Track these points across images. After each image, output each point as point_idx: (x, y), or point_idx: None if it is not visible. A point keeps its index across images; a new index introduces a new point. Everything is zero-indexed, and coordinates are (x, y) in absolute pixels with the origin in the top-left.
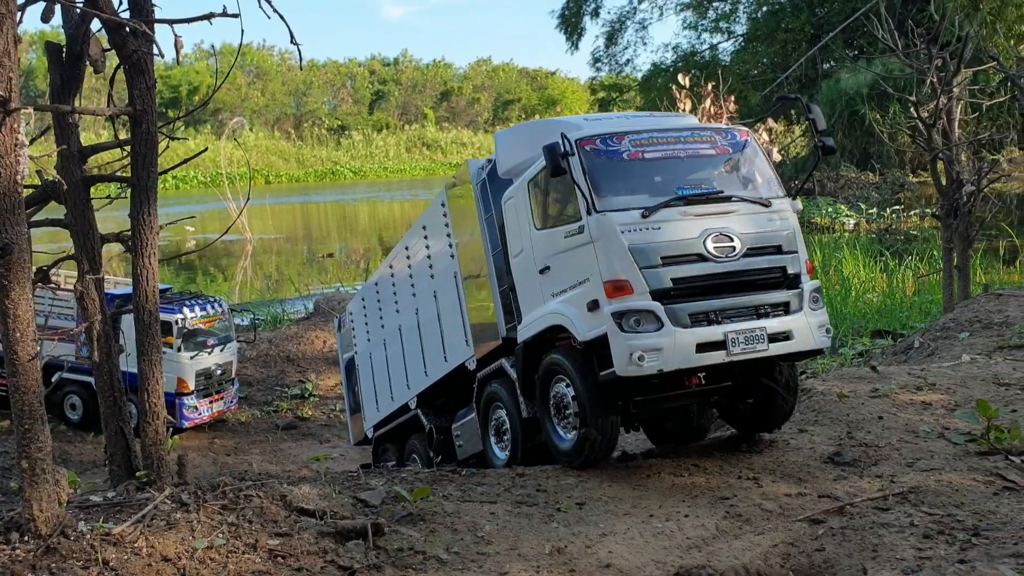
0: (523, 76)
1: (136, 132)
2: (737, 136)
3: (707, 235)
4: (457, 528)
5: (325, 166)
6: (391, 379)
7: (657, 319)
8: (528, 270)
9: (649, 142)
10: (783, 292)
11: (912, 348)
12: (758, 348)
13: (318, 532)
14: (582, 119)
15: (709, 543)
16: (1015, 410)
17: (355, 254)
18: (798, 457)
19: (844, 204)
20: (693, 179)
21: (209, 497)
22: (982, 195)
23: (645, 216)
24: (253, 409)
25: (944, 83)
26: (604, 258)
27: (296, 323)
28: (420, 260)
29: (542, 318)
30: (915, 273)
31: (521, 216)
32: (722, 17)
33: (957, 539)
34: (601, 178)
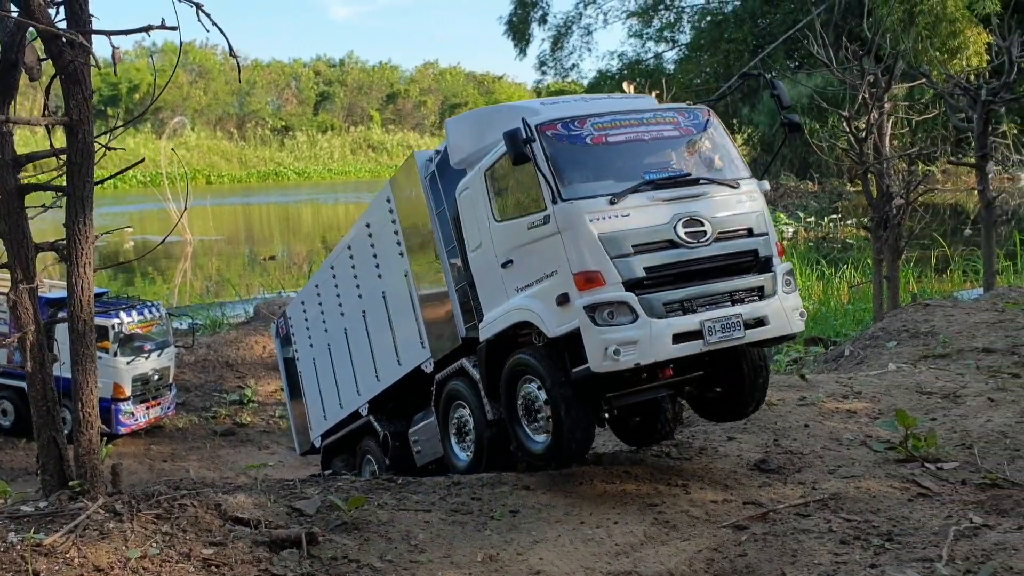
0: (470, 80)
1: (72, 142)
2: (699, 115)
3: (677, 220)
4: (391, 537)
5: (268, 167)
6: (339, 386)
7: (632, 310)
8: (488, 265)
9: (612, 125)
10: (756, 276)
11: (843, 356)
12: (735, 336)
13: (252, 541)
14: (539, 103)
15: (637, 549)
16: (934, 418)
17: (298, 257)
18: (726, 464)
19: (783, 212)
20: (659, 162)
21: (143, 507)
22: (911, 208)
23: (613, 203)
24: (191, 415)
25: (876, 99)
26: (573, 249)
27: (236, 328)
28: (365, 260)
29: (507, 315)
30: (849, 282)
31: (478, 208)
32: (666, 26)
33: (871, 544)
34: (565, 164)
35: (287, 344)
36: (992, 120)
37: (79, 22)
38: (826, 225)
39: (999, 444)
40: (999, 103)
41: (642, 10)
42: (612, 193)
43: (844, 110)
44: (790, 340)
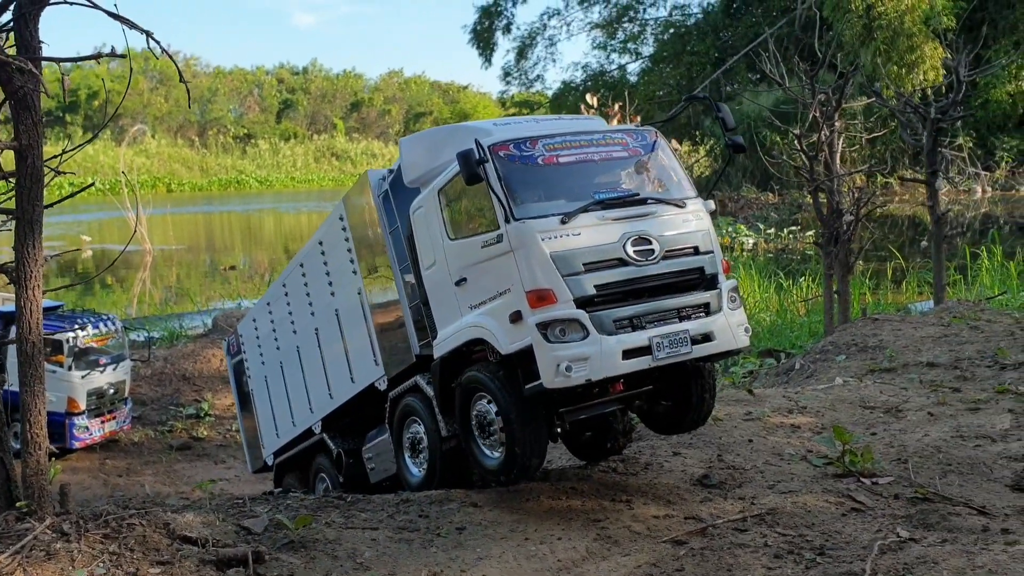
0: (435, 89)
1: (21, 167)
2: (647, 137)
3: (626, 239)
4: (337, 555)
5: (230, 175)
6: (291, 403)
7: (583, 327)
8: (442, 282)
9: (563, 146)
10: (702, 293)
11: (793, 370)
12: (682, 351)
13: (200, 560)
14: (491, 124)
15: (579, 565)
16: (875, 433)
17: (259, 266)
18: (670, 479)
19: (744, 224)
20: (608, 182)
21: (91, 526)
22: (860, 223)
23: (564, 222)
24: (147, 429)
25: (826, 117)
26: (525, 267)
27: (193, 340)
28: (318, 277)
29: (460, 332)
30: (805, 295)
31: (432, 226)
32: (630, 38)
33: (804, 558)
34: (517, 184)
35: (239, 362)
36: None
37: (29, 48)
38: (785, 237)
39: (933, 459)
40: (947, 121)
41: (606, 22)
42: (563, 213)
43: (799, 125)
44: (735, 355)
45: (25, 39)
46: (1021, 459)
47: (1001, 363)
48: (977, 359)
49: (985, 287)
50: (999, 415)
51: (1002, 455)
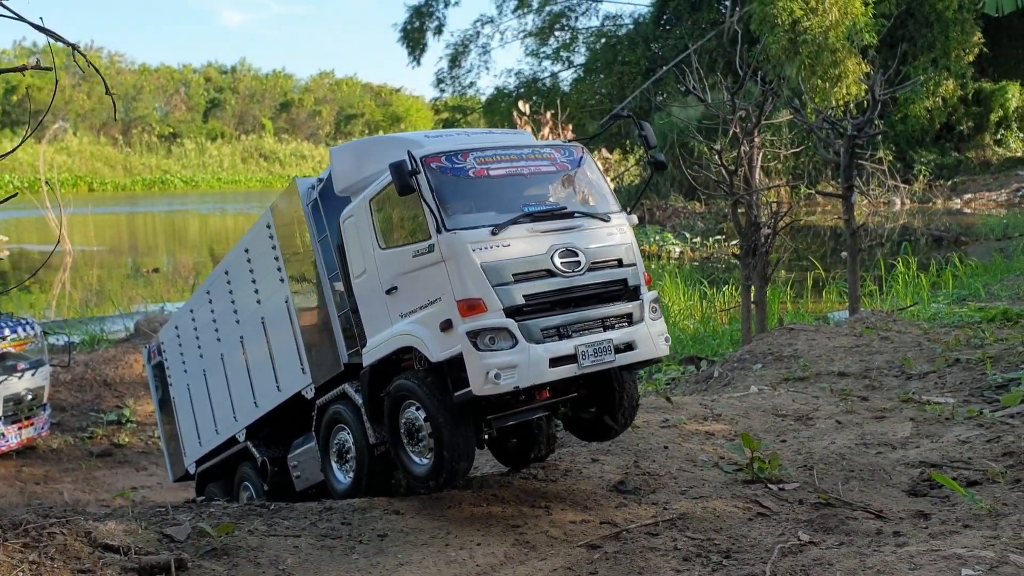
0: (367, 91)
1: None
2: (574, 152)
3: (554, 251)
4: (260, 562)
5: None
6: (214, 411)
7: (511, 336)
8: (372, 291)
9: (493, 159)
10: (626, 304)
11: (712, 378)
12: (606, 360)
13: (122, 568)
14: (423, 136)
15: (497, 569)
16: (784, 440)
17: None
18: (588, 485)
19: (671, 232)
20: (536, 195)
21: (10, 535)
22: (777, 236)
23: (495, 233)
24: (66, 435)
25: (746, 132)
26: (456, 277)
27: (115, 345)
28: (243, 285)
29: (390, 340)
30: (727, 303)
31: (363, 235)
32: (563, 47)
33: (711, 561)
34: (449, 196)
35: (160, 370)
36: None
37: None
38: (711, 246)
39: (837, 465)
40: (863, 137)
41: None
42: (494, 224)
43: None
44: (657, 363)
45: None
46: (918, 465)
47: (907, 373)
48: (885, 369)
49: (898, 298)
50: (901, 423)
51: (901, 461)
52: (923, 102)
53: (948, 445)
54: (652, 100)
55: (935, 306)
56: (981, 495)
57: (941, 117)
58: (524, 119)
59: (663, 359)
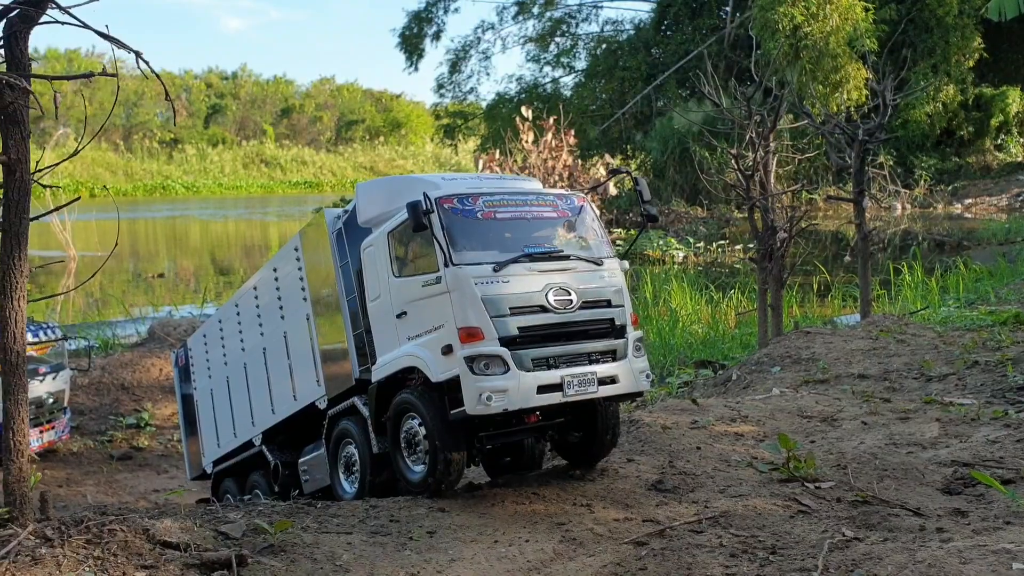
0: (367, 97)
1: (9, 180)
2: (575, 201)
3: (549, 289)
4: (316, 557)
5: (156, 180)
6: (234, 416)
7: (504, 363)
8: (385, 314)
9: (500, 203)
10: (611, 341)
11: (730, 380)
12: (589, 390)
13: (183, 564)
14: (440, 178)
15: (547, 565)
16: (813, 440)
17: (185, 274)
18: (626, 485)
19: (674, 237)
20: (537, 238)
21: (73, 532)
22: (793, 240)
23: (496, 270)
24: (86, 439)
25: (762, 138)
26: (459, 307)
27: (130, 349)
28: (270, 301)
29: (397, 359)
30: (736, 307)
31: (379, 264)
32: (563, 52)
33: (758, 557)
34: (458, 234)
35: (186, 374)
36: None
37: (19, 65)
38: (715, 250)
39: (869, 465)
40: (874, 142)
41: (539, 35)
42: (496, 262)
43: (733, 143)
44: (636, 398)
45: (15, 56)
46: (950, 464)
47: (927, 375)
48: (904, 371)
49: (908, 302)
50: (927, 424)
51: (932, 461)
52: (924, 107)
53: (978, 445)
54: (653, 105)
55: (945, 310)
56: (1018, 493)
57: (942, 122)
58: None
59: (643, 394)
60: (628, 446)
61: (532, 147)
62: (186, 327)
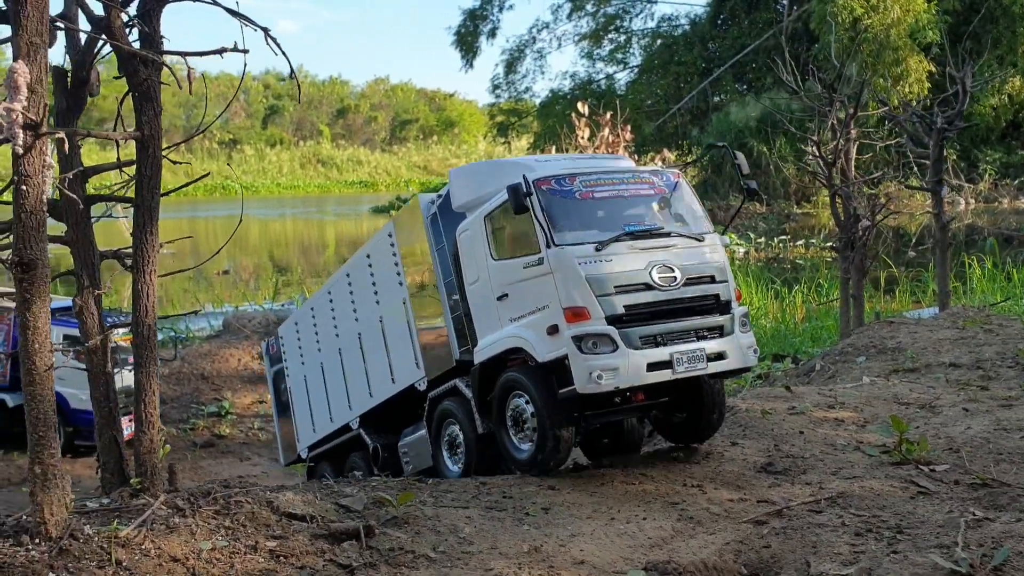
0: (421, 96)
1: (143, 156)
2: (671, 177)
3: (652, 266)
4: (439, 530)
5: (216, 180)
6: (330, 401)
7: (612, 341)
8: (485, 297)
9: (597, 183)
10: (718, 317)
11: (814, 371)
12: (699, 367)
13: (311, 534)
14: (533, 160)
15: (668, 542)
16: (917, 426)
17: (245, 272)
18: (734, 467)
19: (734, 233)
20: (636, 216)
21: (202, 503)
22: (875, 229)
23: (598, 250)
24: (169, 427)
25: (843, 125)
26: (563, 287)
27: (207, 340)
28: (364, 288)
29: (501, 340)
30: (805, 301)
31: (477, 247)
32: (617, 48)
33: (884, 536)
34: (557, 215)
35: (277, 362)
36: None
37: (152, 43)
38: (776, 246)
39: (983, 449)
40: (952, 130)
41: (593, 32)
42: (598, 241)
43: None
44: (745, 372)
45: (148, 34)
46: None
47: (1022, 364)
48: (998, 360)
49: (987, 294)
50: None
51: None
52: (988, 100)
53: None
54: (709, 100)
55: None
56: None
57: (1007, 115)
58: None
59: (751, 369)
60: (728, 430)
61: (587, 143)
62: (260, 319)
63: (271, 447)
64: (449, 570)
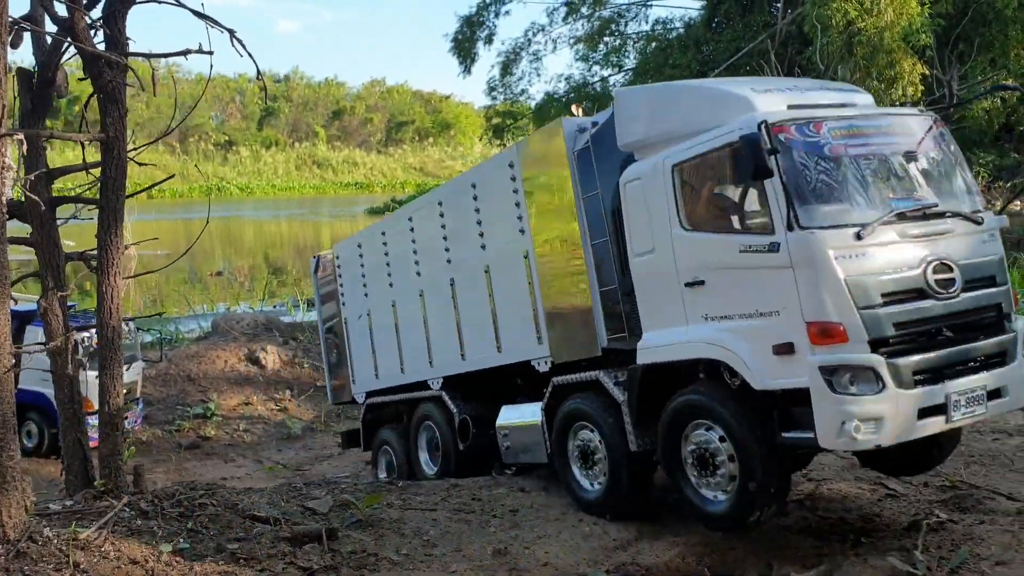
0: (417, 98)
1: (107, 157)
2: (933, 126)
3: (928, 264)
4: (404, 532)
5: (211, 182)
6: (402, 350)
7: (877, 378)
8: (662, 277)
9: (850, 132)
10: (1000, 337)
11: None
12: (977, 412)
13: (274, 537)
14: (748, 87)
15: (633, 544)
16: None
17: (240, 273)
18: None
19: None
20: (901, 185)
21: (166, 505)
22: None
23: (860, 237)
24: (154, 428)
25: None
26: (811, 291)
27: (195, 342)
28: (463, 223)
29: (689, 345)
30: None
31: (656, 206)
32: (612, 51)
33: (848, 537)
34: (801, 180)
35: (328, 283)
36: None
37: (118, 44)
38: None
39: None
40: None
41: (588, 35)
42: (858, 224)
43: None
44: None
45: (113, 36)
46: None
47: None
48: None
49: None
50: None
51: (1021, 448)
52: (981, 103)
53: None
54: None
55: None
56: None
57: (1000, 117)
58: None
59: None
60: None
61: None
62: (248, 321)
63: (256, 448)
64: (411, 572)
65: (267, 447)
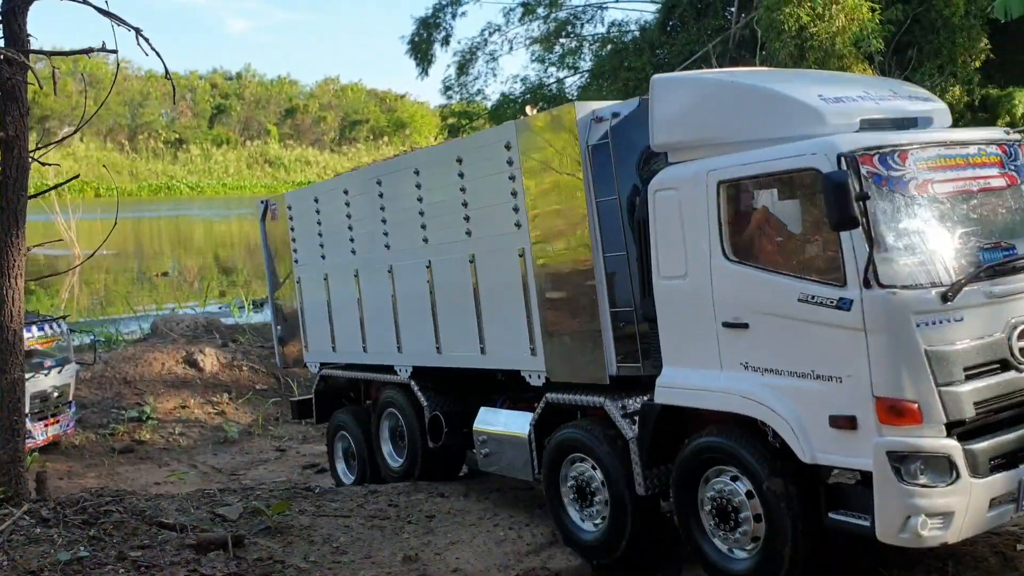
0: (372, 97)
1: (8, 157)
2: (1018, 149)
3: (1013, 329)
4: (313, 539)
5: (160, 180)
6: (366, 328)
7: (952, 467)
8: (694, 309)
9: (937, 164)
10: None
11: None
12: None
13: (179, 544)
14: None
15: (546, 548)
16: None
17: (189, 274)
18: None
19: None
20: (987, 229)
21: (69, 512)
22: None
23: (947, 299)
24: (88, 432)
25: None
26: (885, 361)
27: (133, 344)
28: (445, 201)
29: (724, 396)
30: None
31: (692, 225)
32: (568, 53)
33: None
34: (885, 229)
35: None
36: None
37: (17, 41)
38: None
39: None
40: None
41: (545, 37)
42: (945, 285)
43: None
44: None
45: (13, 32)
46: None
47: None
48: None
49: None
50: None
51: None
52: None
53: None
54: None
55: None
56: None
57: None
58: None
59: None
60: None
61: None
62: (189, 322)
63: (191, 453)
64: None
65: (203, 451)
